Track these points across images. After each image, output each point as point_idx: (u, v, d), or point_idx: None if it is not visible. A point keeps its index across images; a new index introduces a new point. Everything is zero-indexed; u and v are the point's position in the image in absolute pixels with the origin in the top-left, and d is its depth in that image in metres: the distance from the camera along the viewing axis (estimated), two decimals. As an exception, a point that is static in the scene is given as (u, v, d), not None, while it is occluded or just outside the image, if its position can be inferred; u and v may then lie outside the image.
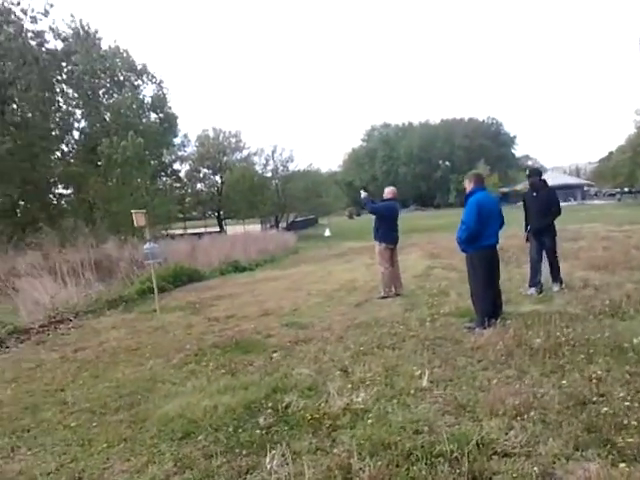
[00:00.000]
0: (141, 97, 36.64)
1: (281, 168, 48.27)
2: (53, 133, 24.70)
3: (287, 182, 46.57)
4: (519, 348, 5.52)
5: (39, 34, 23.34)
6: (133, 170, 27.91)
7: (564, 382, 4.56)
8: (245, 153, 47.61)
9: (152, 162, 37.99)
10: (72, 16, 29.24)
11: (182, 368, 6.25)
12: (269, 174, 47.84)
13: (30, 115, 22.11)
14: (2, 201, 21.58)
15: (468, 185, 6.99)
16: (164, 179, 40.32)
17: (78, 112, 34.15)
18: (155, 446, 4.19)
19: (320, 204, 46.15)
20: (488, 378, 4.84)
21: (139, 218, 10.08)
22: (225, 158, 46.62)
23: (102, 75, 34.95)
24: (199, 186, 47.25)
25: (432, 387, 4.76)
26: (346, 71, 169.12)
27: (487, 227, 6.72)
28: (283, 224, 47.31)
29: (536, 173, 8.96)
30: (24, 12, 22.98)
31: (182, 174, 46.01)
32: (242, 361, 6.21)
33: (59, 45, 27.66)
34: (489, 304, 6.71)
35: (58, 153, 27.39)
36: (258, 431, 4.18)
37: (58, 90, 24.72)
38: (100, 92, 35.37)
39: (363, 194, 9.72)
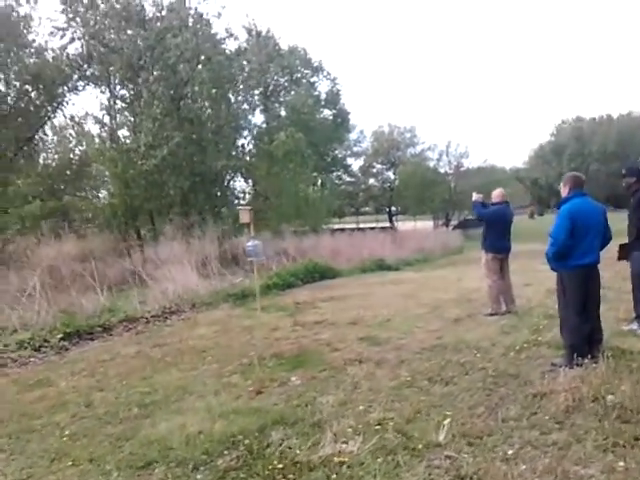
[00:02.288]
0: (316, 93, 37.44)
1: (455, 164, 46.38)
2: (225, 128, 25.87)
3: (460, 178, 44.60)
4: (593, 403, 4.22)
5: (212, 36, 24.57)
6: (295, 166, 28.46)
7: (620, 465, 3.30)
8: (419, 148, 46.59)
9: (325, 157, 38.83)
10: (247, 16, 30.56)
11: (222, 379, 5.82)
12: (442, 170, 46.24)
13: (202, 111, 23.35)
14: (174, 192, 23.07)
15: (563, 189, 5.63)
16: (335, 174, 40.79)
17: (257, 109, 35.96)
18: (108, 474, 3.78)
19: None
20: (525, 441, 3.71)
21: (244, 215, 9.82)
22: (399, 153, 45.96)
23: (280, 73, 36.40)
24: (372, 181, 47.20)
25: (448, 444, 3.77)
26: (532, 61, 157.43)
27: (583, 242, 5.33)
28: (455, 222, 45.53)
29: (633, 173, 6.72)
30: (200, 16, 24.41)
31: (356, 169, 46.30)
32: (281, 378, 5.61)
33: (233, 45, 29.15)
34: (580, 338, 5.34)
35: (235, 147, 28.64)
36: (210, 476, 3.58)
37: (228, 87, 25.76)
38: (278, 89, 36.88)
39: (475, 196, 8.53)
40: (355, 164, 47.10)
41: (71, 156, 31.90)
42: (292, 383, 5.45)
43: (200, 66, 24.08)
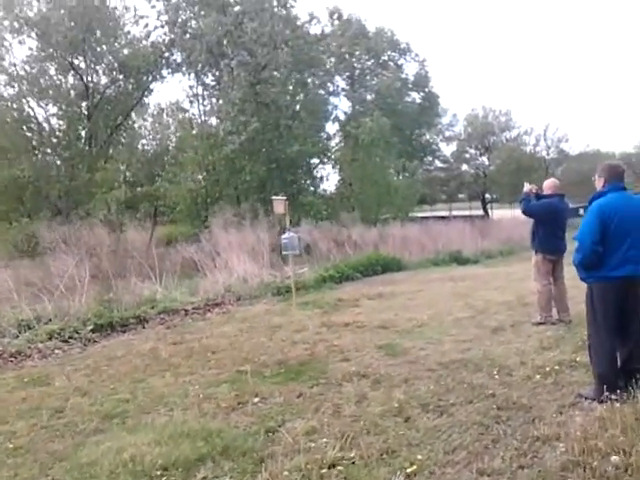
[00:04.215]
0: (403, 76, 36.27)
1: (553, 149, 43.34)
2: (302, 113, 25.52)
3: (558, 164, 41.74)
4: (602, 459, 3.34)
5: (290, 19, 24.17)
6: (379, 150, 27.60)
7: None
8: (515, 133, 43.89)
9: (413, 142, 37.59)
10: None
11: (209, 389, 5.35)
12: (540, 155, 43.34)
13: (279, 96, 23.07)
14: (251, 178, 23.01)
15: (598, 182, 4.64)
16: (425, 159, 39.42)
17: (343, 94, 35.35)
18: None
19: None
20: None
21: (278, 205, 9.42)
22: (493, 138, 43.61)
23: (366, 56, 35.51)
24: (464, 167, 45.20)
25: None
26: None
27: (619, 249, 4.35)
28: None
29: None
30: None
31: (448, 155, 44.58)
32: (265, 393, 5.06)
33: (317, 29, 28.59)
34: (610, 367, 4.38)
35: (315, 132, 28.23)
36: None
37: (308, 72, 25.32)
38: (364, 73, 36.02)
39: (526, 187, 7.49)
40: (447, 149, 45.39)
41: (154, 144, 32.93)
42: (272, 400, 4.88)
43: (278, 50, 23.76)
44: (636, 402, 4.08)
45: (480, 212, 42.29)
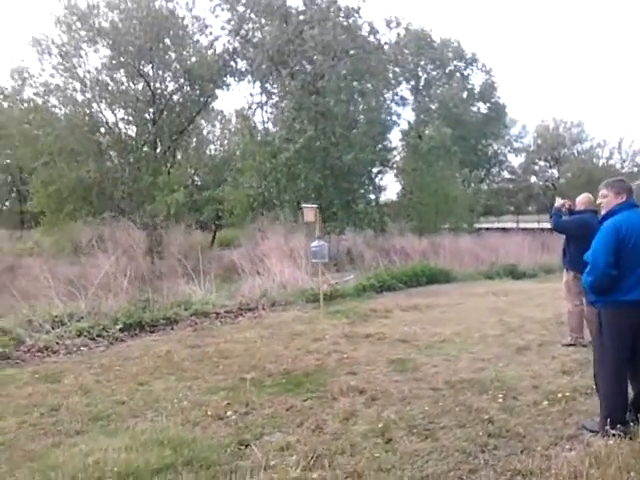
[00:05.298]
0: (469, 86, 35.56)
1: (628, 162, 41.19)
2: (361, 122, 25.36)
3: (634, 179, 39.59)
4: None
5: (351, 29, 24.03)
6: (439, 160, 27.10)
7: None
8: (587, 145, 42.00)
9: (478, 153, 36.73)
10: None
11: (205, 396, 5.27)
12: (614, 168, 41.30)
13: (334, 105, 23.00)
14: (306, 185, 23.04)
15: (607, 200, 4.24)
16: (493, 170, 38.44)
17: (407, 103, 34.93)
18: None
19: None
20: None
21: (309, 213, 9.30)
22: (564, 150, 41.93)
23: (431, 66, 35.05)
24: (533, 179, 43.69)
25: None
26: None
27: (633, 271, 3.95)
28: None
29: None
30: (339, 9, 24.04)
31: (516, 166, 43.28)
32: (256, 404, 4.93)
33: (384, 39, 28.35)
34: (616, 398, 3.98)
35: (373, 141, 27.98)
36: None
37: (367, 82, 25.07)
38: (430, 83, 35.56)
39: (558, 202, 7.08)
40: (516, 161, 44.04)
41: (222, 149, 33.59)
42: (260, 411, 4.74)
43: (337, 59, 23.74)
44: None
45: (548, 225, 40.77)
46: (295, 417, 4.57)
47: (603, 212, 4.25)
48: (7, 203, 39.43)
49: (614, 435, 3.79)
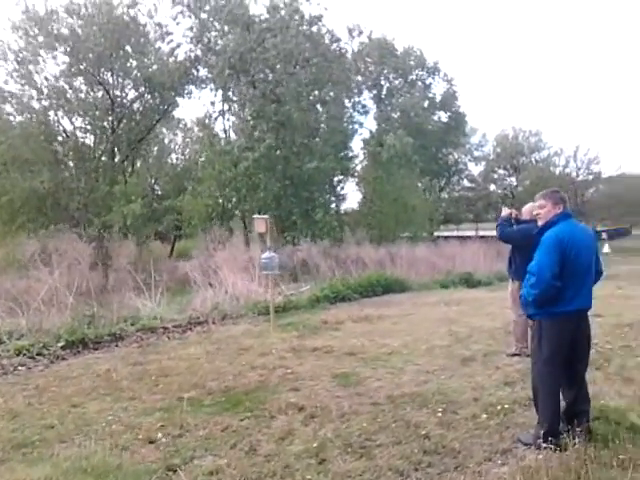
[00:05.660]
0: (431, 96, 35.97)
1: (583, 170, 42.23)
2: (320, 131, 25.38)
3: (588, 186, 40.64)
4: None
5: (312, 36, 24.07)
6: (400, 169, 27.28)
7: None
8: (544, 153, 42.93)
9: (439, 162, 37.12)
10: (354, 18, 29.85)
11: (139, 418, 5.08)
12: (570, 176, 42.29)
13: (293, 114, 22.96)
14: (264, 195, 22.91)
15: (545, 210, 4.24)
16: (452, 178, 38.89)
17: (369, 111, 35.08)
18: None
19: (629, 212, 38.99)
20: None
21: (260, 224, 9.18)
22: (523, 158, 42.74)
23: (392, 75, 35.34)
24: (492, 187, 44.38)
25: None
26: None
27: (575, 281, 3.98)
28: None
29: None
30: (302, 17, 24.07)
31: (476, 175, 43.90)
32: (191, 425, 4.77)
33: (349, 47, 28.62)
34: (551, 410, 3.98)
35: (335, 150, 27.95)
36: None
37: (327, 90, 25.09)
38: (392, 91, 35.82)
39: (504, 211, 7.12)
40: (476, 169, 44.69)
41: (183, 158, 33.20)
42: (194, 433, 4.59)
43: (298, 68, 23.75)
44: (573, 451, 3.66)
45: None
46: (229, 438, 4.43)
47: (541, 223, 4.25)
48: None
49: (546, 448, 3.76)
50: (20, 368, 7.46)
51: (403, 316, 10.14)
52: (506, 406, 4.79)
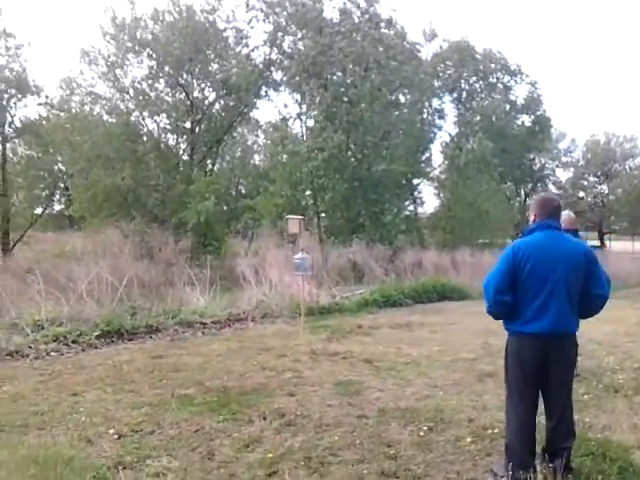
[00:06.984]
0: (513, 99, 34.61)
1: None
2: (393, 133, 25.00)
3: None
4: None
5: (381, 39, 23.79)
6: (478, 174, 26.43)
7: None
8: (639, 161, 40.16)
9: (522, 167, 35.68)
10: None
11: (126, 410, 5.08)
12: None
13: (364, 115, 22.76)
14: (333, 195, 22.85)
15: (532, 219, 3.81)
16: (537, 185, 37.25)
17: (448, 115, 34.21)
18: None
19: None
20: None
21: (293, 224, 9.05)
22: (615, 165, 40.18)
23: (473, 78, 34.31)
24: (581, 194, 42.01)
25: None
26: None
27: (534, 299, 3.51)
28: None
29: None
30: (370, 20, 23.85)
31: (564, 181, 41.79)
32: (173, 422, 4.71)
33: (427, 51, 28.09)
34: (519, 437, 3.54)
35: (411, 153, 27.49)
36: None
37: (400, 92, 24.69)
38: (472, 95, 34.80)
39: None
40: (564, 175, 42.52)
41: (265, 159, 33.82)
42: (165, 432, 4.51)
43: (368, 70, 23.54)
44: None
45: (596, 242, 39.11)
46: (195, 440, 4.31)
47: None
48: (56, 207, 40.69)
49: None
50: (53, 354, 7.74)
51: (445, 325, 9.72)
52: (496, 431, 4.37)
